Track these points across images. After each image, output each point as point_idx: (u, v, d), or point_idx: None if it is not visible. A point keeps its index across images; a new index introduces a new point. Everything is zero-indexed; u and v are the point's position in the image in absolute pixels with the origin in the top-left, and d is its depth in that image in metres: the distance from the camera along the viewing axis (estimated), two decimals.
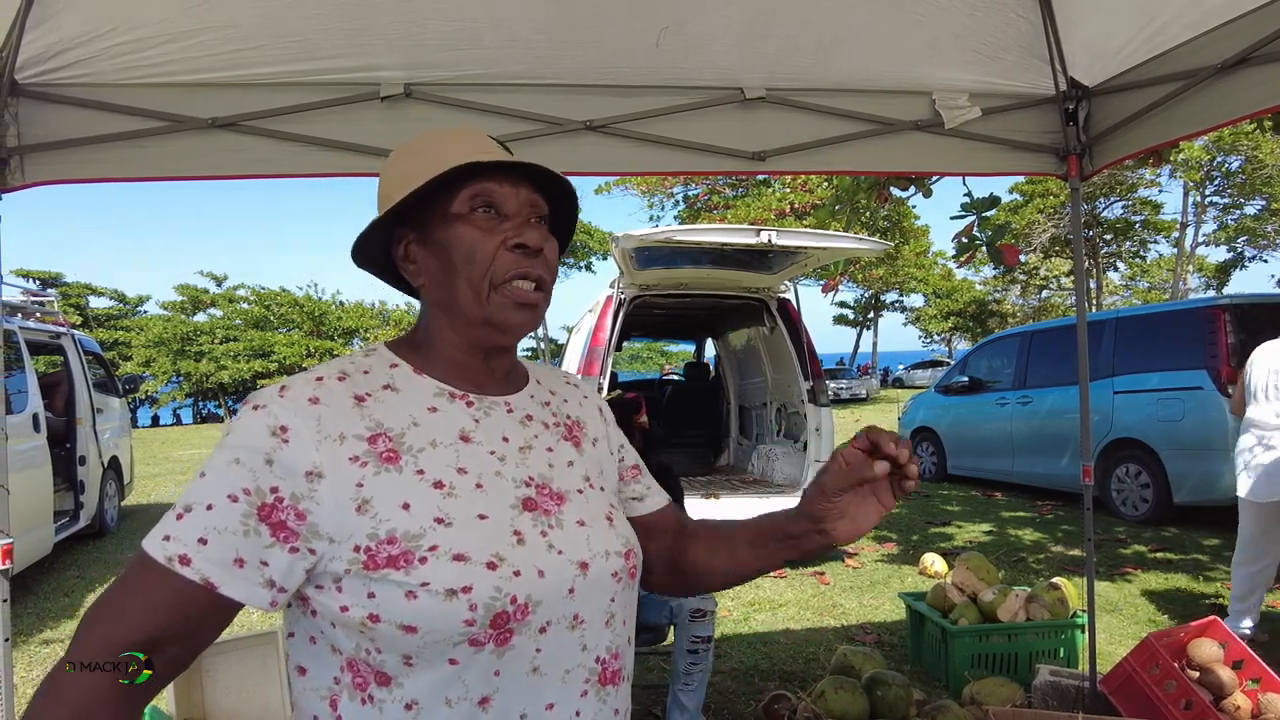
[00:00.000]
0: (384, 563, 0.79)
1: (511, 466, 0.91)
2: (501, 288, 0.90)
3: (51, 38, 2.10)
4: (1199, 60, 2.28)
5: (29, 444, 5.62)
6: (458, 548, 0.81)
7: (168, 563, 0.78)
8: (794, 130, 2.63)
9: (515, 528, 0.85)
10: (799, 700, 2.95)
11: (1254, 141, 18.87)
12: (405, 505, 0.82)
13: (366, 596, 0.80)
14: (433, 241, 0.92)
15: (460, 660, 0.81)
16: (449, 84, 2.44)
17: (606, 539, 0.93)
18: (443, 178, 0.88)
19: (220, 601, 0.79)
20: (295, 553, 0.80)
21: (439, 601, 0.78)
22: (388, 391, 0.90)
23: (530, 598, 0.82)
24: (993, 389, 9.14)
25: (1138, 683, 2.83)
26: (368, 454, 0.83)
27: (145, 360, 27.02)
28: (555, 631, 0.85)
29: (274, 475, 0.80)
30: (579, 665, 0.88)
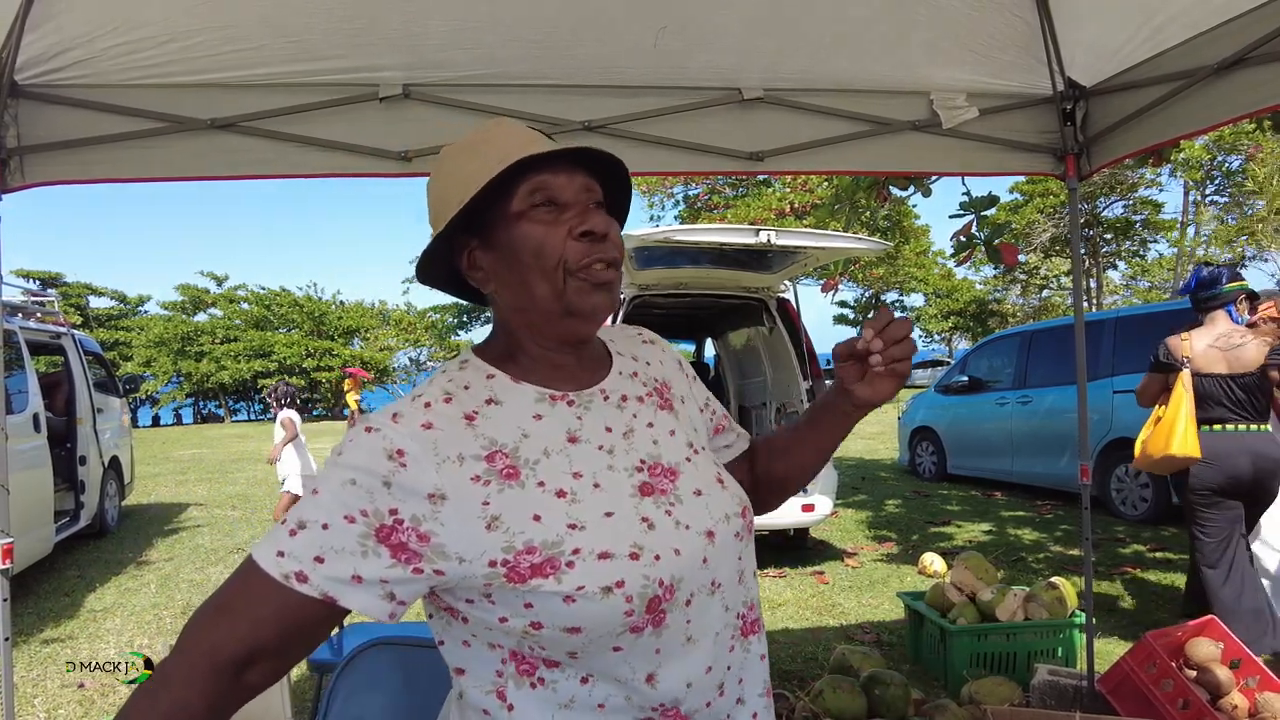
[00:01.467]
0: (529, 573, 0.81)
1: (621, 456, 0.93)
2: (577, 274, 0.90)
3: (52, 38, 2.11)
4: (1196, 60, 2.29)
5: (29, 444, 5.64)
6: (600, 547, 0.83)
7: (284, 580, 0.79)
8: (792, 130, 2.64)
9: (642, 515, 0.88)
10: (797, 699, 2.95)
11: (1254, 141, 18.86)
12: (536, 517, 0.84)
13: (524, 607, 0.82)
14: (497, 245, 0.92)
15: (624, 647, 0.85)
16: (448, 84, 2.44)
17: (724, 502, 0.96)
18: (498, 179, 0.88)
19: (336, 611, 0.82)
20: (419, 573, 0.82)
21: (597, 601, 0.81)
22: (492, 406, 0.91)
23: (674, 576, 0.85)
24: (992, 389, 9.14)
25: (1135, 682, 2.83)
26: (488, 472, 0.85)
27: (146, 360, 27.03)
28: (699, 601, 0.89)
29: (393, 498, 0.80)
30: (725, 625, 0.92)
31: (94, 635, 4.60)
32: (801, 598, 4.99)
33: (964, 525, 7.17)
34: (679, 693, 0.88)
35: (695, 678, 0.89)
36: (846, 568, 5.76)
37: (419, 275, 0.99)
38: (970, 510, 7.92)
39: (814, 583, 5.35)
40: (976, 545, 6.24)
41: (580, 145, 0.92)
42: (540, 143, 0.93)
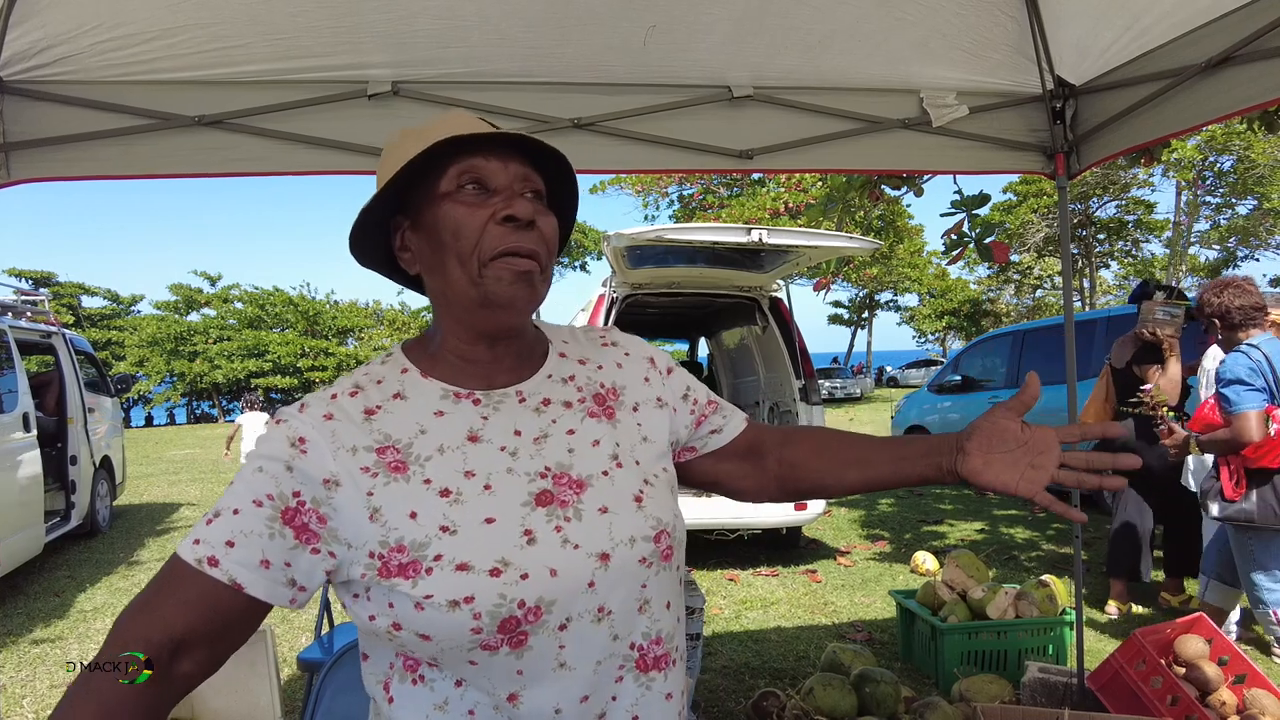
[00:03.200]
0: (395, 571, 0.81)
1: (525, 460, 0.89)
2: (493, 263, 0.87)
3: (36, 34, 2.10)
4: (1184, 59, 2.30)
5: (20, 443, 5.62)
6: (462, 556, 0.81)
7: (197, 564, 0.81)
8: (782, 128, 2.63)
9: (526, 527, 0.85)
10: (788, 697, 2.95)
11: (1246, 141, 18.95)
12: (413, 514, 0.83)
13: (388, 606, 0.82)
14: (423, 224, 0.91)
15: (479, 662, 0.82)
16: (436, 82, 2.43)
17: (632, 524, 0.90)
18: (426, 155, 0.87)
19: (247, 602, 0.82)
20: (317, 554, 0.84)
21: (443, 613, 0.79)
22: (398, 400, 0.90)
23: (542, 599, 0.82)
24: (985, 388, 9.16)
25: (1125, 679, 2.84)
26: (377, 464, 0.85)
27: (139, 360, 26.94)
28: (578, 626, 0.84)
29: (295, 481, 0.83)
30: (611, 655, 0.87)
31: (84, 635, 4.58)
32: (794, 596, 4.99)
33: (956, 524, 7.19)
34: (545, 716, 0.85)
35: (566, 705, 0.85)
36: (839, 566, 5.77)
37: (353, 252, 0.97)
38: (963, 509, 7.93)
39: (806, 581, 5.35)
40: (969, 544, 6.26)
41: (520, 132, 0.90)
42: (480, 128, 0.91)
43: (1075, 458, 0.93)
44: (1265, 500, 3.21)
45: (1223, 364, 3.37)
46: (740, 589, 5.14)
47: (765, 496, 1.13)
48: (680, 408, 1.06)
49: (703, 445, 1.10)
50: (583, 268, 33.62)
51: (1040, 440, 0.93)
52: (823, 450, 1.09)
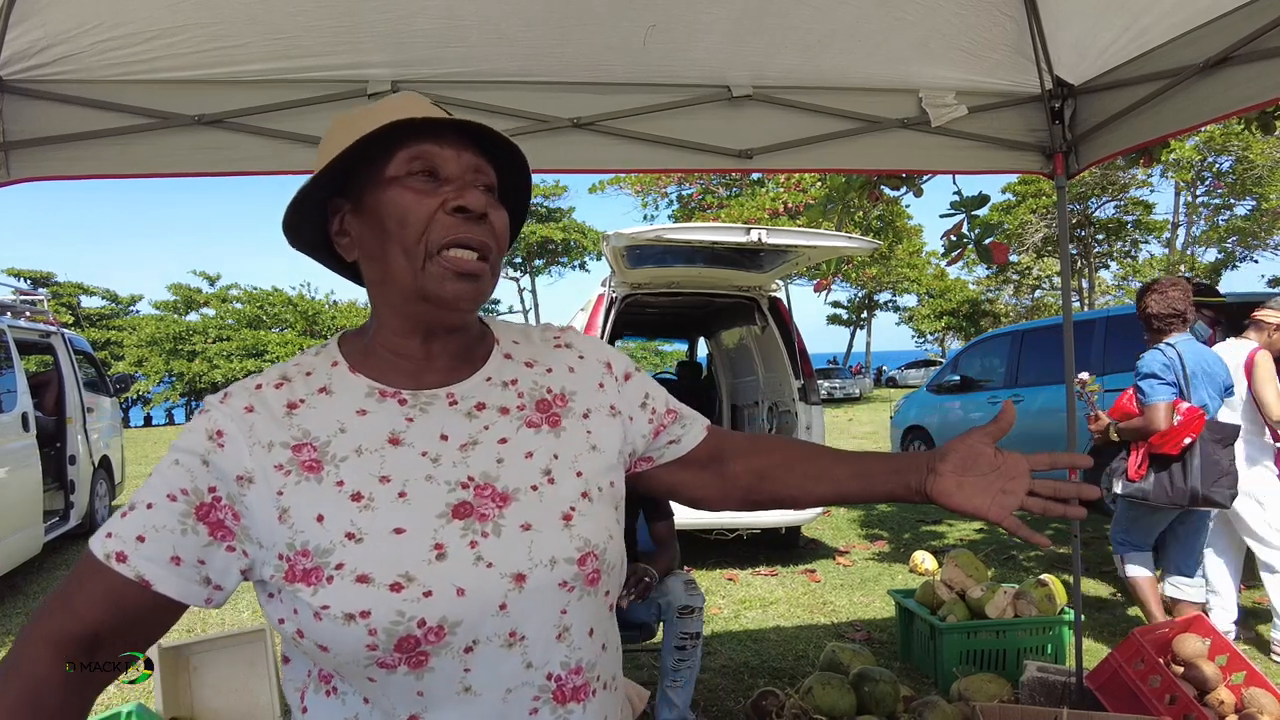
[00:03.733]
0: (299, 576, 0.78)
1: (446, 468, 0.84)
2: (438, 256, 0.83)
3: (36, 34, 2.10)
4: (1182, 59, 2.30)
5: (19, 443, 5.61)
6: (363, 568, 0.77)
7: (106, 560, 0.79)
8: (781, 128, 2.64)
9: (437, 540, 0.79)
10: (787, 697, 2.96)
11: (1244, 142, 18.97)
12: (320, 518, 0.79)
13: (292, 612, 0.79)
14: (366, 209, 0.86)
15: (377, 680, 0.78)
16: (436, 81, 2.44)
17: (555, 544, 0.83)
18: (376, 136, 0.83)
19: (156, 599, 0.79)
20: (232, 551, 0.81)
21: (338, 625, 0.75)
22: (322, 395, 0.86)
23: (445, 619, 0.76)
24: (984, 388, 9.17)
25: (1123, 678, 2.85)
26: (291, 462, 0.81)
27: (138, 360, 26.93)
28: (486, 650, 0.79)
29: (211, 476, 0.80)
30: (524, 684, 0.81)
31: None
32: (793, 596, 4.99)
33: (955, 524, 7.19)
34: None
35: None
36: (838, 566, 5.77)
37: (287, 235, 0.92)
38: None
39: (805, 581, 5.35)
40: (968, 543, 6.26)
41: (473, 120, 0.86)
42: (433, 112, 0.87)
43: (1043, 485, 0.94)
44: (1161, 483, 3.56)
45: (1140, 360, 3.68)
46: (739, 589, 5.14)
47: (727, 505, 1.09)
48: (638, 416, 1.01)
49: (660, 455, 1.05)
50: (582, 267, 33.65)
51: (1012, 466, 0.94)
52: (792, 462, 1.06)
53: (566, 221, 32.58)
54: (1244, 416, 3.78)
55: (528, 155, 0.92)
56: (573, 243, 32.20)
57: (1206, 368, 3.61)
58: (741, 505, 1.09)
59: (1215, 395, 3.61)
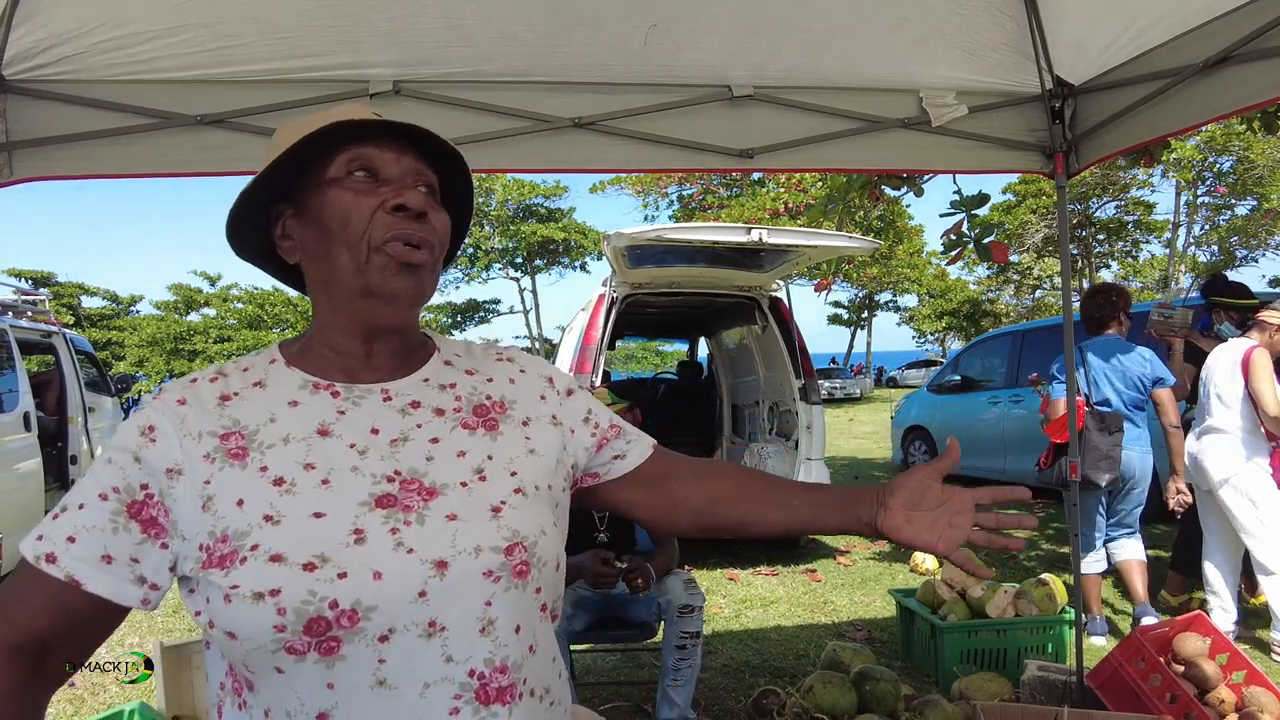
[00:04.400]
0: (215, 562, 0.77)
1: (374, 460, 0.84)
2: (381, 250, 0.84)
3: (39, 33, 2.11)
4: (1182, 59, 2.30)
5: (20, 442, 5.61)
6: (277, 548, 0.76)
7: (36, 561, 0.78)
8: (782, 128, 2.64)
9: (357, 526, 0.79)
10: (788, 696, 2.96)
11: (1245, 142, 18.95)
12: (240, 502, 0.79)
13: (205, 600, 0.78)
14: (308, 211, 0.88)
15: (285, 670, 0.75)
16: (438, 81, 2.44)
17: (481, 533, 0.82)
18: (317, 136, 0.85)
19: (90, 600, 0.78)
20: (166, 549, 0.80)
21: (248, 605, 0.74)
22: (256, 389, 0.88)
23: (360, 602, 0.75)
24: (984, 388, 9.17)
25: (1124, 677, 2.85)
26: (217, 450, 0.82)
27: (139, 360, 26.90)
28: (403, 640, 0.76)
29: (142, 473, 0.80)
30: (443, 679, 0.78)
31: None
32: (794, 595, 5.00)
33: None
34: None
35: None
36: (839, 565, 5.77)
37: (230, 241, 0.93)
38: None
39: (806, 580, 5.36)
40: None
41: (410, 123, 0.88)
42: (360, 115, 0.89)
43: (986, 519, 1.00)
44: (1059, 468, 4.03)
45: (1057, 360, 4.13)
46: (740, 588, 5.15)
47: (674, 528, 1.10)
48: (579, 429, 1.02)
49: (606, 471, 1.05)
50: (582, 268, 33.63)
51: (958, 501, 0.99)
52: (746, 488, 1.07)
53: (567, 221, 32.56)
54: (1241, 414, 3.80)
55: (528, 156, 0.94)
56: (573, 243, 32.16)
57: (1117, 365, 4.08)
58: (690, 529, 1.09)
59: (1124, 389, 4.07)
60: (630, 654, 3.92)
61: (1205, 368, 4.03)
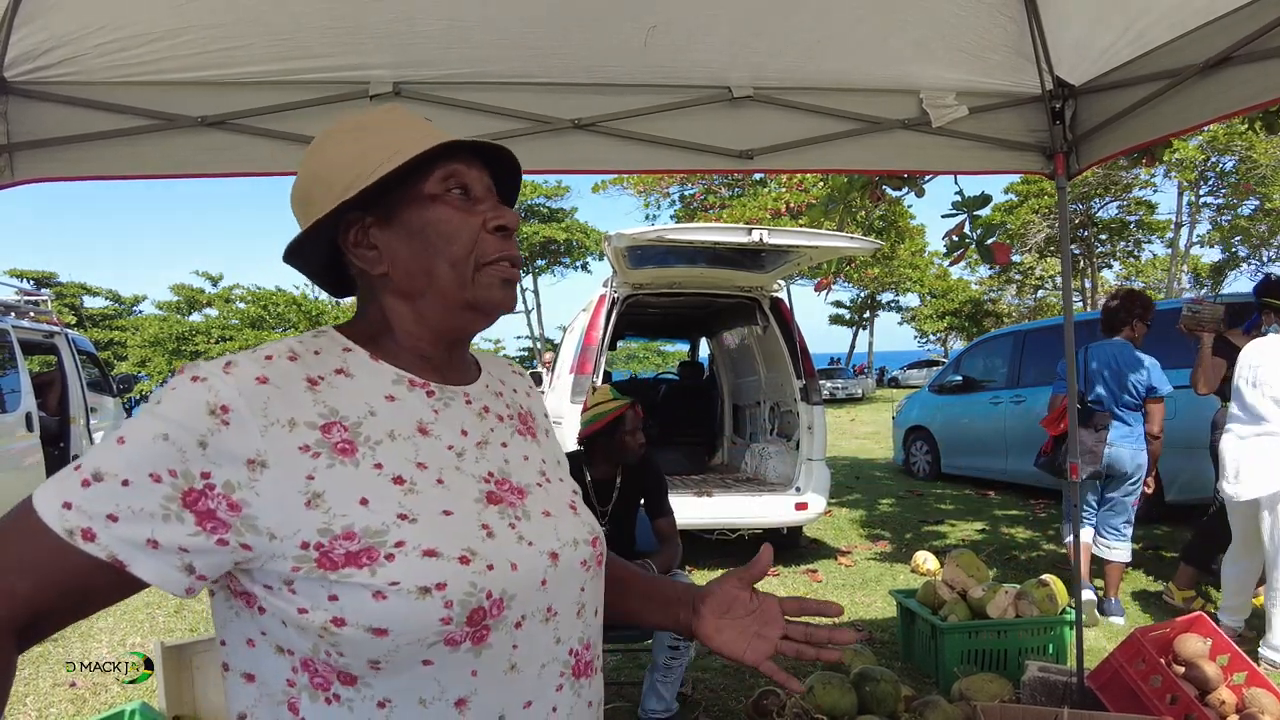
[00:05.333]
0: (343, 561, 0.73)
1: (470, 461, 0.87)
2: (487, 268, 0.88)
3: (40, 35, 2.11)
4: (1182, 59, 2.30)
5: (22, 443, 5.63)
6: (428, 543, 0.76)
7: (68, 535, 0.70)
8: (782, 129, 2.64)
9: (483, 521, 0.82)
10: (788, 696, 2.96)
11: (1248, 142, 18.94)
12: (364, 501, 0.76)
13: (328, 599, 0.73)
14: (403, 223, 0.87)
15: (435, 661, 0.76)
16: (438, 82, 2.45)
17: (574, 527, 0.91)
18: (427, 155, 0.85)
19: (127, 579, 0.72)
20: (224, 545, 0.73)
21: (411, 601, 0.73)
22: (341, 376, 0.84)
23: (505, 592, 0.79)
24: (986, 388, 9.17)
25: (1124, 678, 2.85)
26: (320, 444, 0.77)
27: (141, 360, 26.93)
28: (530, 625, 0.82)
29: (207, 460, 0.72)
30: (553, 659, 0.85)
31: (86, 634, 4.59)
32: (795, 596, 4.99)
33: (957, 524, 7.19)
34: None
35: (511, 711, 0.81)
36: (840, 566, 5.77)
37: (290, 252, 0.90)
38: (964, 509, 7.94)
39: (807, 581, 5.36)
40: (970, 544, 6.26)
41: (496, 143, 0.93)
42: (442, 133, 0.90)
43: (796, 630, 1.01)
44: (1055, 459, 4.39)
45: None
46: None
47: None
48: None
49: None
50: (584, 268, 33.66)
51: (766, 611, 1.01)
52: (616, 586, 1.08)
53: (569, 222, 32.58)
54: None
55: (528, 156, 0.96)
56: (575, 243, 32.18)
57: (1114, 366, 4.35)
58: None
59: (1118, 391, 4.33)
60: (631, 654, 3.92)
61: (1248, 366, 3.87)
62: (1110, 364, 4.36)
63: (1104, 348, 4.42)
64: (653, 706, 2.97)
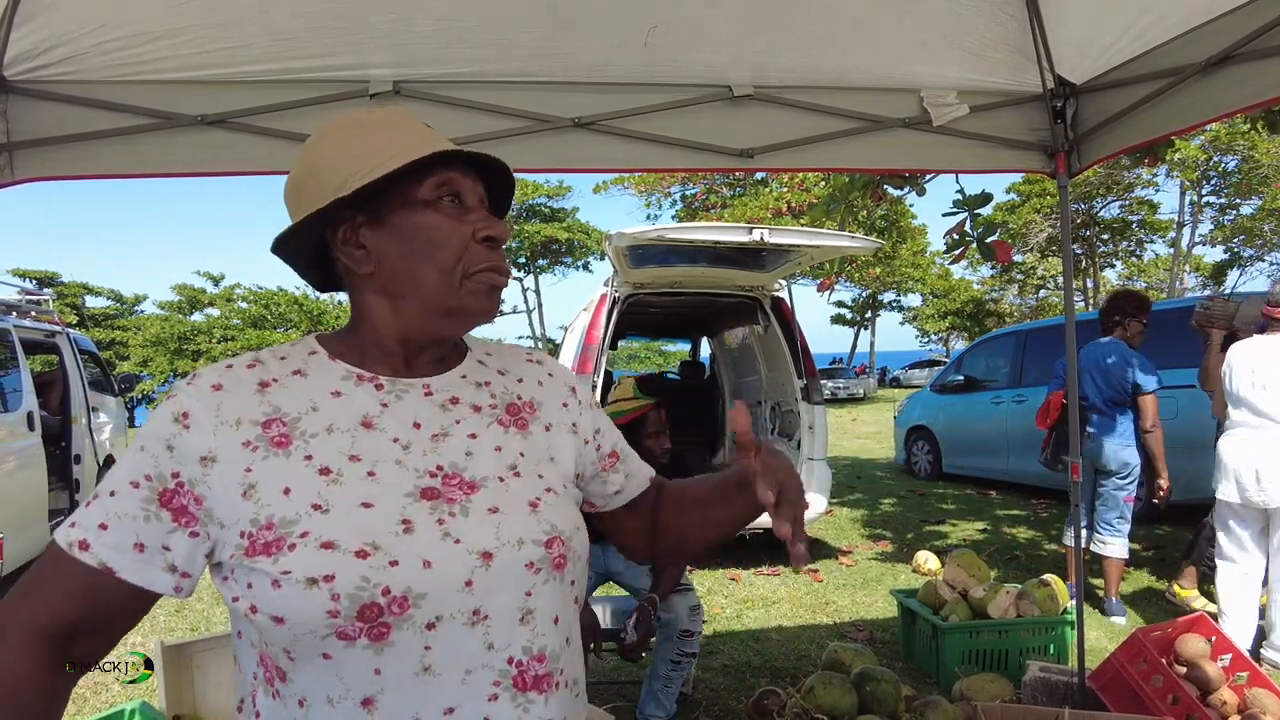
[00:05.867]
0: (260, 549, 0.78)
1: (416, 455, 0.87)
2: (474, 276, 0.89)
3: (40, 34, 2.11)
4: (1184, 58, 2.30)
5: (24, 442, 5.63)
6: (328, 535, 0.78)
7: (69, 548, 0.79)
8: (782, 127, 2.64)
9: (405, 516, 0.81)
10: (788, 696, 2.96)
11: (1250, 141, 18.91)
12: (286, 490, 0.80)
13: (246, 586, 0.79)
14: (393, 226, 0.89)
15: (333, 655, 0.77)
16: (438, 81, 2.44)
17: (522, 526, 0.86)
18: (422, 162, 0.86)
19: (122, 587, 0.80)
20: (195, 537, 0.81)
21: (300, 590, 0.76)
22: (296, 377, 0.88)
23: (410, 590, 0.77)
24: (988, 388, 9.16)
25: (1126, 678, 2.84)
26: (259, 439, 0.82)
27: (142, 360, 26.95)
28: (448, 628, 0.79)
29: (174, 461, 0.80)
30: (484, 666, 0.81)
31: None
32: (795, 595, 4.99)
33: (959, 524, 7.18)
34: None
35: (428, 716, 0.79)
36: (841, 566, 5.77)
37: (278, 243, 0.92)
38: (965, 509, 7.93)
39: (808, 581, 5.35)
40: (971, 544, 6.25)
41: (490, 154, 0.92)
42: (440, 140, 0.92)
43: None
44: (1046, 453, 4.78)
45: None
46: (742, 588, 5.14)
47: (647, 557, 1.16)
48: (590, 444, 1.06)
49: (605, 504, 1.10)
50: (585, 267, 33.67)
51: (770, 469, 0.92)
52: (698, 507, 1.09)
53: (570, 221, 32.58)
54: None
55: (528, 156, 0.97)
56: (576, 243, 32.19)
57: (1100, 365, 4.48)
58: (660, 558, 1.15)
59: (1104, 388, 4.46)
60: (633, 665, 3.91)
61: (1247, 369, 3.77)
62: (1097, 363, 4.50)
63: (1093, 347, 4.55)
64: (651, 711, 2.96)
